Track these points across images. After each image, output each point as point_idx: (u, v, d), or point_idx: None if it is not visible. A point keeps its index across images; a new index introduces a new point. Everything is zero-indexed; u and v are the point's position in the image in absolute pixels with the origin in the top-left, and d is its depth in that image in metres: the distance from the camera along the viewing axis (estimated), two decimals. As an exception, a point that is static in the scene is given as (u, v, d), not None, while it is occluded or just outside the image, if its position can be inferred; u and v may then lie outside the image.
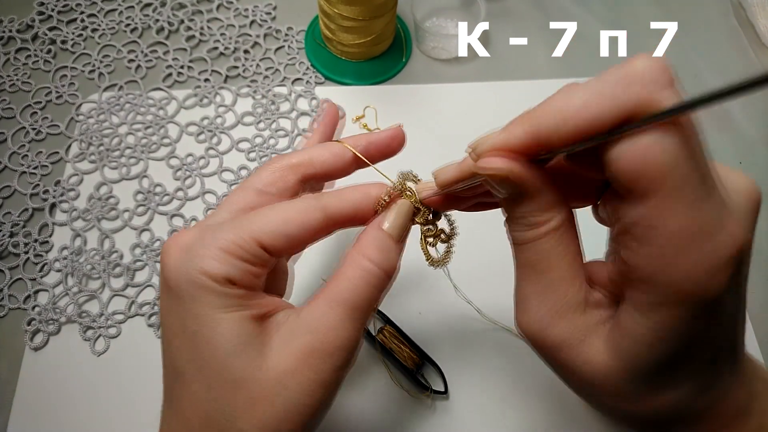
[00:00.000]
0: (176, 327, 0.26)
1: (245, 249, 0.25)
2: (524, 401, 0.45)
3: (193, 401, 0.26)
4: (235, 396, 0.25)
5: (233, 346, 0.25)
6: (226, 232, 0.25)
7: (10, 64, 0.58)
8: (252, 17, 0.61)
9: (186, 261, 0.25)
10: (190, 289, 0.25)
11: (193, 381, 0.25)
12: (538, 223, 0.24)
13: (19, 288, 0.48)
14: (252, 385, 0.25)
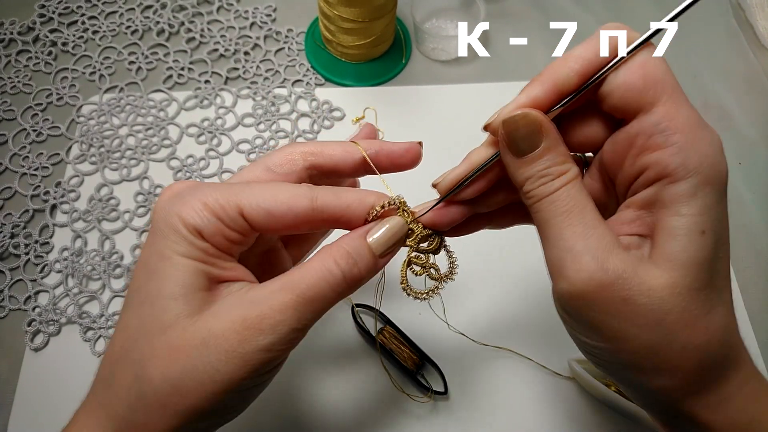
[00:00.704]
0: (143, 258, 0.27)
1: (225, 210, 0.26)
2: (524, 401, 0.45)
3: (123, 331, 0.27)
4: (157, 339, 0.25)
5: (177, 290, 0.25)
6: (214, 191, 0.27)
7: (11, 66, 0.58)
8: (252, 19, 0.61)
9: (170, 203, 0.26)
10: (164, 227, 0.26)
11: (131, 311, 0.26)
12: (562, 172, 0.26)
13: (20, 289, 0.48)
14: (177, 333, 0.25)
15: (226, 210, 0.26)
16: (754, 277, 0.51)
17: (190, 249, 0.26)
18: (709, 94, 0.59)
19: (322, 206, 0.27)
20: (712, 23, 0.64)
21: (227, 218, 0.26)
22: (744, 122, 0.58)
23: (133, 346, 0.26)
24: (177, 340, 0.25)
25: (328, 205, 0.28)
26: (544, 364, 0.46)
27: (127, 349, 0.26)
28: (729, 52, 0.62)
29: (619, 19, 0.63)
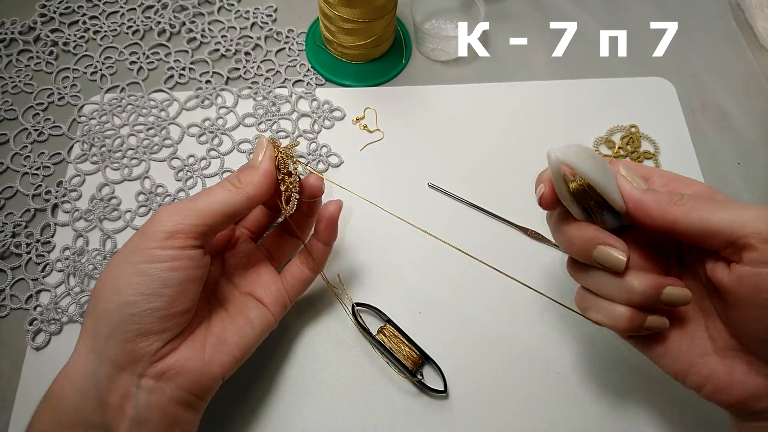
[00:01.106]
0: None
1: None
2: (524, 401, 0.45)
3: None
4: None
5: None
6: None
7: (12, 66, 0.58)
8: (253, 19, 0.61)
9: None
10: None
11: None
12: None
13: (21, 288, 0.48)
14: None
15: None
16: (752, 277, 0.51)
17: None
18: (708, 95, 0.60)
19: (252, 194, 0.36)
20: (712, 24, 0.64)
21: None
22: (743, 122, 0.58)
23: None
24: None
25: (256, 191, 0.37)
26: (546, 362, 0.46)
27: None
28: (728, 52, 0.63)
29: (619, 19, 0.64)
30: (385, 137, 0.56)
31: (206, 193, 0.35)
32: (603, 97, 0.59)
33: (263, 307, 0.40)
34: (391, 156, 0.55)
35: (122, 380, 0.32)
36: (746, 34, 0.64)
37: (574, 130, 0.57)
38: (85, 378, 0.32)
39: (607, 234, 0.32)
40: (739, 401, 0.30)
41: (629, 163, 0.34)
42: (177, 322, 0.33)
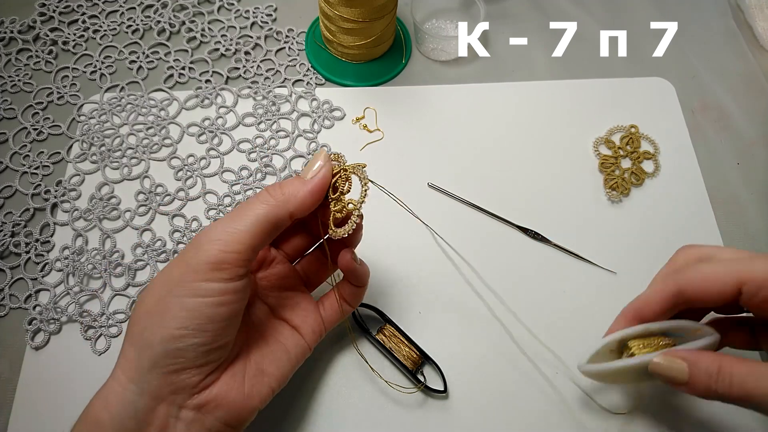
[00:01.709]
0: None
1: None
2: (524, 400, 0.45)
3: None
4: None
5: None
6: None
7: (11, 65, 0.58)
8: (253, 19, 0.61)
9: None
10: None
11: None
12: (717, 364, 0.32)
13: (20, 287, 0.48)
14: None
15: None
16: (752, 277, 0.51)
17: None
18: (708, 95, 0.60)
19: (293, 208, 0.34)
20: (711, 24, 0.65)
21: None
22: (742, 122, 0.58)
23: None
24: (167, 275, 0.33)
25: (298, 205, 0.34)
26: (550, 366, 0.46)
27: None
28: (728, 52, 0.63)
29: (619, 19, 0.64)
30: (385, 137, 0.56)
31: (244, 210, 0.33)
32: (603, 97, 0.59)
33: (299, 336, 0.39)
34: (391, 156, 0.55)
35: (161, 411, 0.31)
36: (746, 35, 0.64)
37: (574, 130, 0.57)
38: (124, 408, 0.31)
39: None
40: None
41: (666, 354, 0.35)
42: (219, 355, 0.33)
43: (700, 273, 0.33)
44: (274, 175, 0.53)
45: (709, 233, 0.52)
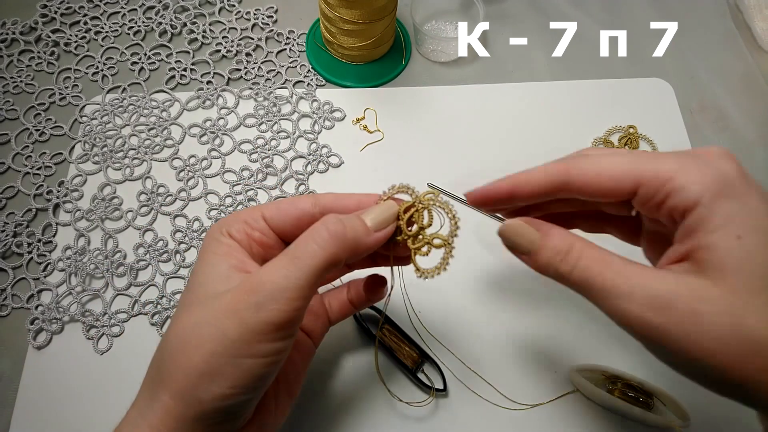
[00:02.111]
0: (195, 266, 0.33)
1: (250, 216, 0.33)
2: (523, 400, 0.45)
3: (176, 311, 0.32)
4: (182, 310, 0.30)
5: (208, 276, 0.31)
6: (247, 210, 0.34)
7: (13, 66, 0.58)
8: (254, 20, 0.62)
9: (217, 224, 0.34)
10: (207, 238, 0.33)
11: (184, 293, 0.32)
12: (572, 244, 0.29)
13: (23, 287, 0.48)
14: (196, 304, 0.30)
15: (251, 215, 0.33)
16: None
17: (220, 246, 0.32)
18: (707, 95, 0.60)
19: (324, 203, 0.33)
20: (710, 25, 0.65)
21: (251, 221, 0.33)
22: (741, 123, 0.58)
23: (170, 321, 0.32)
24: (195, 306, 0.30)
25: (327, 202, 0.33)
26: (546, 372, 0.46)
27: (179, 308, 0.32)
28: (726, 53, 0.63)
29: (619, 19, 0.64)
30: (385, 138, 0.56)
31: (302, 249, 0.29)
32: (602, 98, 0.59)
33: (310, 341, 0.39)
34: (391, 156, 0.55)
35: None
36: (744, 35, 0.64)
37: (573, 130, 0.57)
38: None
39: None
40: None
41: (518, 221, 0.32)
42: (260, 399, 0.32)
43: (596, 164, 0.29)
44: (275, 175, 0.54)
45: (708, 233, 0.52)
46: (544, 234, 0.30)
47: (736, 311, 0.24)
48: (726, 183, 0.26)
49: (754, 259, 0.25)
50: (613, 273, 0.27)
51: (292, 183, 0.54)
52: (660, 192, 0.27)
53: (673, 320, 0.25)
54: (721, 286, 0.25)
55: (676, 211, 0.27)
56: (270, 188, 0.53)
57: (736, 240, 0.25)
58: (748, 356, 0.24)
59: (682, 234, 0.27)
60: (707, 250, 0.25)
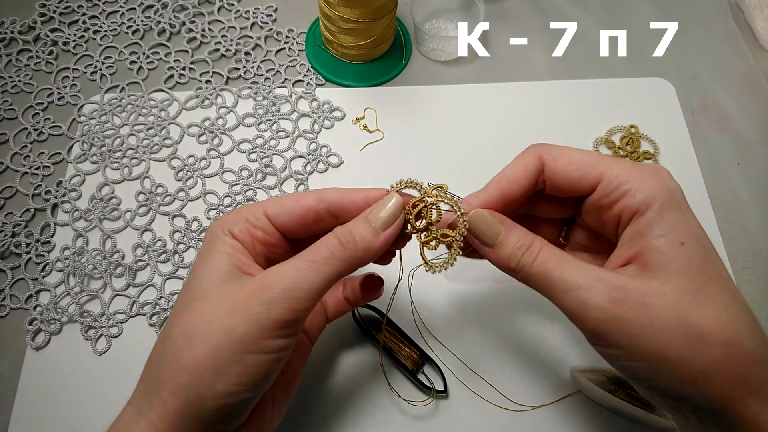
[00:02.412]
0: (195, 263, 0.33)
1: (253, 214, 0.33)
2: (523, 400, 0.45)
3: (175, 308, 0.32)
4: (187, 305, 0.30)
5: (208, 272, 0.31)
6: (248, 206, 0.34)
7: (12, 65, 0.58)
8: (253, 19, 0.61)
9: (217, 221, 0.33)
10: (209, 235, 0.33)
11: (178, 299, 0.32)
12: (532, 240, 0.31)
13: (21, 288, 0.48)
14: (202, 299, 0.30)
15: (254, 214, 0.33)
16: (752, 277, 0.51)
17: (223, 245, 0.32)
18: (708, 95, 0.60)
19: (329, 199, 0.33)
20: (711, 24, 0.65)
21: (254, 219, 0.33)
22: (742, 122, 0.58)
23: (169, 318, 0.31)
24: (199, 303, 0.30)
25: (332, 198, 0.33)
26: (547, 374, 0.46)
27: (165, 327, 0.31)
28: (727, 52, 0.63)
29: (619, 19, 0.64)
30: (385, 137, 0.56)
31: (316, 254, 0.30)
32: (603, 98, 0.59)
33: (308, 339, 0.39)
34: (391, 156, 0.55)
35: None
36: (746, 35, 0.64)
37: (574, 130, 0.57)
38: None
39: None
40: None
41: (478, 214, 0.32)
42: (258, 400, 0.32)
43: (567, 154, 0.32)
44: (274, 175, 0.53)
45: (708, 233, 0.52)
46: (507, 228, 0.31)
47: (682, 306, 0.27)
48: (673, 196, 0.29)
49: (694, 263, 0.28)
50: (573, 267, 0.29)
51: (292, 183, 0.53)
52: (617, 191, 0.30)
53: (628, 311, 0.27)
54: (668, 285, 0.27)
55: (626, 211, 0.30)
56: (269, 188, 0.53)
57: (681, 246, 0.28)
58: (694, 346, 0.26)
59: (630, 236, 0.30)
60: (656, 253, 0.28)
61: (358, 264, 0.31)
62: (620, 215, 0.30)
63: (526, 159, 0.32)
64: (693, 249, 0.28)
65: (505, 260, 0.31)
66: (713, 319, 0.27)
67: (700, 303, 0.27)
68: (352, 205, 0.32)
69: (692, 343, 0.26)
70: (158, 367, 0.30)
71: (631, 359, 0.28)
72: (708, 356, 0.26)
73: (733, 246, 0.52)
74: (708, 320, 0.26)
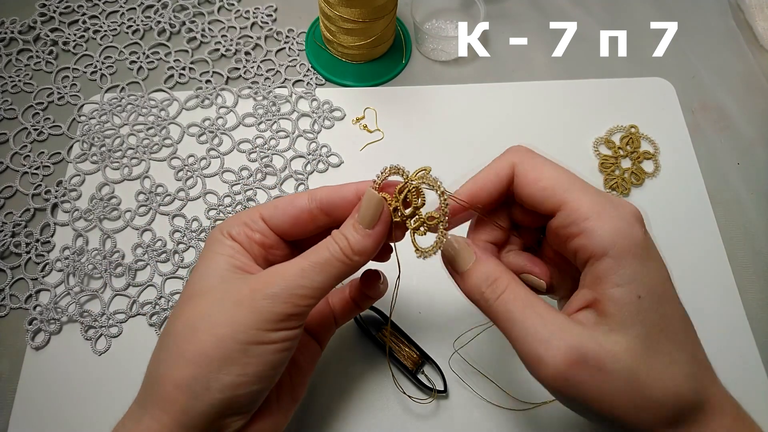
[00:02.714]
0: (197, 264, 0.33)
1: (250, 218, 0.34)
2: (524, 400, 0.45)
3: (177, 306, 0.32)
4: (189, 300, 0.31)
5: (211, 272, 0.32)
6: (246, 211, 0.34)
7: (12, 65, 0.58)
8: (253, 19, 0.61)
9: (218, 226, 0.34)
10: (210, 239, 0.34)
11: (180, 296, 0.33)
12: (499, 275, 0.30)
13: (21, 288, 0.48)
14: (204, 294, 0.31)
15: (250, 217, 0.34)
16: (752, 277, 0.51)
17: (223, 247, 0.33)
18: (708, 95, 0.60)
19: (320, 197, 0.33)
20: (711, 24, 0.65)
21: (251, 222, 0.33)
22: (742, 122, 0.58)
23: (171, 315, 0.32)
24: (202, 298, 0.30)
25: (323, 196, 0.33)
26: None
27: (169, 319, 0.32)
28: (728, 52, 0.63)
29: (619, 19, 0.64)
30: (385, 137, 0.56)
31: (322, 268, 0.30)
32: (603, 98, 0.59)
33: (316, 343, 0.39)
34: (391, 156, 0.55)
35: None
36: (746, 35, 0.64)
37: (574, 130, 0.57)
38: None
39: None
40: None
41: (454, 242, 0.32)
42: (266, 395, 0.32)
43: (539, 168, 0.31)
44: (274, 175, 0.53)
45: (708, 233, 0.52)
46: (478, 258, 0.31)
47: (634, 367, 0.27)
48: (634, 243, 0.28)
49: (648, 319, 0.27)
50: (535, 315, 0.28)
51: (292, 183, 0.53)
52: (574, 225, 0.29)
53: (582, 374, 0.27)
54: (622, 342, 0.27)
55: (582, 251, 0.29)
56: (269, 188, 0.53)
57: (637, 299, 0.27)
58: (642, 408, 0.27)
59: (590, 280, 0.29)
60: (612, 303, 0.27)
61: (357, 266, 0.31)
62: (576, 252, 0.29)
63: (500, 165, 0.32)
64: (648, 303, 0.27)
65: (470, 290, 0.31)
66: (659, 379, 0.27)
67: (651, 363, 0.27)
68: (344, 200, 0.33)
69: (640, 405, 0.27)
70: (161, 363, 0.30)
71: (581, 413, 0.29)
72: (654, 417, 0.27)
73: (733, 246, 0.52)
74: (655, 380, 0.27)
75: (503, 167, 0.32)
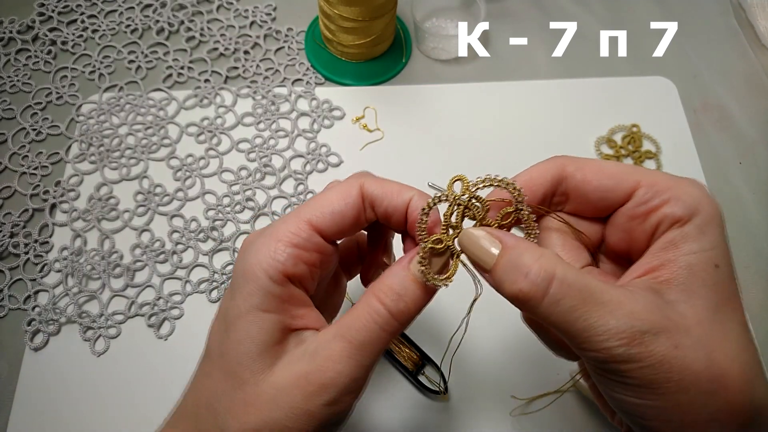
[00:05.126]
0: (223, 309, 0.28)
1: (298, 234, 0.27)
2: (524, 400, 0.45)
3: (205, 383, 0.28)
4: (236, 393, 0.27)
5: (254, 348, 0.27)
6: (282, 224, 0.28)
7: (10, 65, 0.58)
8: (252, 18, 0.61)
9: (247, 255, 0.28)
10: (242, 280, 0.27)
11: (212, 362, 0.28)
12: (535, 258, 0.25)
13: (19, 288, 0.48)
14: (252, 389, 0.26)
15: (299, 234, 0.28)
16: (754, 277, 0.51)
17: (266, 300, 0.27)
18: (710, 94, 0.59)
19: (368, 191, 0.29)
20: (713, 23, 0.64)
21: (302, 240, 0.28)
22: (744, 122, 0.58)
23: (217, 398, 0.27)
24: (251, 395, 0.26)
25: (373, 190, 0.29)
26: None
27: (211, 399, 0.27)
28: (729, 51, 0.62)
29: (620, 19, 0.64)
30: (385, 137, 0.55)
31: (374, 342, 0.27)
32: (604, 97, 0.59)
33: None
34: (391, 155, 0.54)
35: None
36: (747, 33, 0.63)
37: (575, 129, 0.57)
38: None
39: None
40: None
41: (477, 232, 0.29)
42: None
43: (596, 163, 0.29)
44: (273, 174, 0.53)
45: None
46: (506, 246, 0.26)
47: (707, 342, 0.24)
48: (717, 212, 0.27)
49: (720, 291, 0.25)
50: (596, 304, 0.24)
51: (291, 182, 0.53)
52: (657, 197, 0.27)
53: (657, 352, 0.23)
54: (691, 314, 0.24)
55: (666, 220, 0.27)
56: (268, 188, 0.53)
57: (714, 269, 0.25)
58: (713, 391, 0.24)
59: (660, 246, 0.26)
60: (685, 270, 0.25)
61: (399, 325, 0.28)
62: (658, 225, 0.27)
63: (547, 165, 0.29)
64: (724, 275, 0.25)
65: (505, 290, 0.26)
66: (735, 359, 0.24)
67: (723, 339, 0.24)
68: (396, 210, 0.29)
69: (713, 387, 0.24)
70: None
71: (639, 397, 0.25)
72: (723, 403, 0.24)
73: (734, 246, 0.51)
74: (730, 361, 0.24)
75: (550, 168, 0.29)
